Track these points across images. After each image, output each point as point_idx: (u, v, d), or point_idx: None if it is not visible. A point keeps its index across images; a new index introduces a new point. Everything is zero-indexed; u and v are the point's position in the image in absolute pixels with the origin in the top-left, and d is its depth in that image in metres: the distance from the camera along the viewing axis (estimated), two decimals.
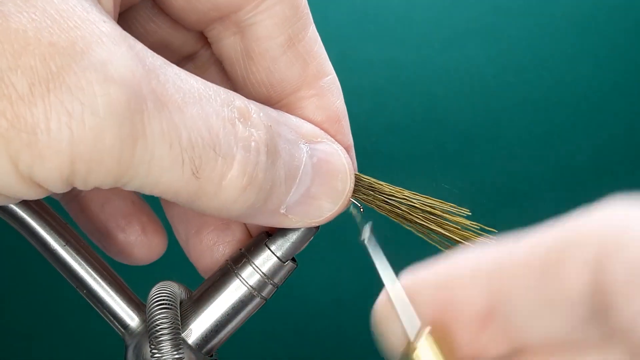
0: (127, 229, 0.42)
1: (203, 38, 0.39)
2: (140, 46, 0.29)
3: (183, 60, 0.41)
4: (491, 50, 1.01)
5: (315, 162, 0.35)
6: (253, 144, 0.32)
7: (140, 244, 0.42)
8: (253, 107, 0.33)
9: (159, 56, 0.30)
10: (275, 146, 0.33)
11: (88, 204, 0.42)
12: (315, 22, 0.38)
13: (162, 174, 0.29)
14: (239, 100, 0.32)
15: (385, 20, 1.01)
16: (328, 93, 0.38)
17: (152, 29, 0.38)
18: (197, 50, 0.41)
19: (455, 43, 1.01)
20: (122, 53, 0.27)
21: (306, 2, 0.37)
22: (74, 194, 0.42)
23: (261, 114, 0.33)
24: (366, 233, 0.34)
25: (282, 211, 0.34)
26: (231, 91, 0.33)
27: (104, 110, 0.26)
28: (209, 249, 0.40)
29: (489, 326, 0.27)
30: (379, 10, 1.01)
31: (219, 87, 0.32)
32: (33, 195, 0.28)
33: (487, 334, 0.27)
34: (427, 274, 0.28)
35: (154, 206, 0.42)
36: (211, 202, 0.31)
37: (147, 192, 0.30)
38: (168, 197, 0.31)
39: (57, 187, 0.28)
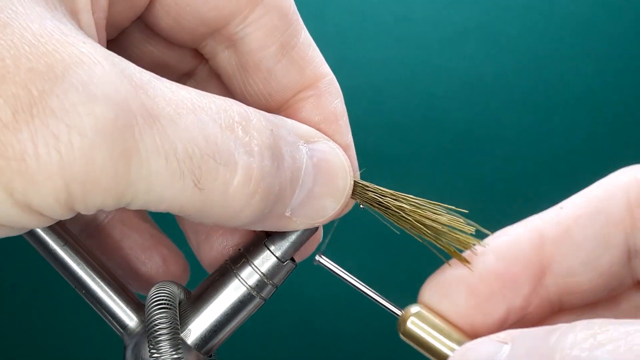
0: (148, 262, 0.42)
1: (199, 55, 0.39)
2: (125, 64, 0.29)
3: (183, 77, 0.41)
4: (491, 50, 1.01)
5: (316, 162, 0.35)
6: (256, 148, 0.31)
7: (163, 275, 0.42)
8: (252, 112, 0.33)
9: (147, 72, 0.30)
10: (279, 149, 0.33)
11: (105, 240, 0.42)
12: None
13: (163, 189, 0.29)
14: (237, 106, 0.32)
15: (384, 20, 1.01)
16: (326, 93, 0.38)
17: (148, 50, 0.39)
18: (195, 66, 0.41)
19: (454, 42, 1.01)
20: (104, 71, 0.27)
21: (295, 8, 0.37)
22: (90, 231, 0.42)
23: (262, 119, 0.33)
24: (320, 257, 0.37)
25: (287, 214, 0.34)
26: (228, 98, 0.32)
27: (92, 129, 0.26)
28: (220, 254, 0.40)
29: (539, 287, 0.32)
30: (378, 10, 1.01)
31: (214, 95, 0.32)
32: (36, 223, 0.28)
33: (536, 297, 0.32)
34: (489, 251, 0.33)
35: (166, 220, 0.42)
36: (220, 213, 0.31)
37: (153, 209, 0.30)
38: (175, 212, 0.31)
39: (57, 212, 0.28)
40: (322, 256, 0.37)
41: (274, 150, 0.32)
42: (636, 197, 0.30)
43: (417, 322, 0.32)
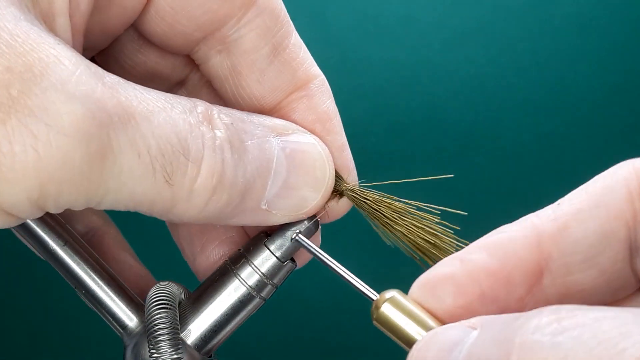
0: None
1: (191, 62, 0.39)
2: (95, 66, 0.29)
3: (175, 87, 0.41)
4: (491, 50, 1.01)
5: (289, 153, 0.35)
6: (217, 142, 0.32)
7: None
8: (214, 109, 0.33)
9: (114, 75, 0.30)
10: (240, 142, 0.33)
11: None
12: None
13: (135, 186, 0.29)
14: (200, 104, 0.33)
15: (385, 20, 1.01)
16: (318, 94, 0.38)
17: (141, 60, 0.39)
18: (186, 75, 0.41)
19: (455, 43, 1.01)
20: (80, 71, 0.28)
21: (286, 11, 0.37)
22: None
23: (221, 115, 0.33)
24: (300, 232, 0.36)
25: (263, 207, 0.34)
26: (193, 98, 0.33)
27: (71, 128, 0.26)
28: (216, 264, 0.40)
29: (536, 289, 0.29)
30: (379, 11, 1.01)
31: (179, 96, 0.32)
32: (2, 224, 0.28)
33: (532, 296, 0.29)
34: (480, 248, 0.30)
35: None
36: (186, 208, 0.32)
37: (122, 207, 0.30)
38: (144, 209, 0.31)
39: (27, 212, 0.28)
40: (301, 235, 0.36)
41: (233, 144, 0.33)
42: (637, 188, 0.28)
43: (390, 307, 0.30)
